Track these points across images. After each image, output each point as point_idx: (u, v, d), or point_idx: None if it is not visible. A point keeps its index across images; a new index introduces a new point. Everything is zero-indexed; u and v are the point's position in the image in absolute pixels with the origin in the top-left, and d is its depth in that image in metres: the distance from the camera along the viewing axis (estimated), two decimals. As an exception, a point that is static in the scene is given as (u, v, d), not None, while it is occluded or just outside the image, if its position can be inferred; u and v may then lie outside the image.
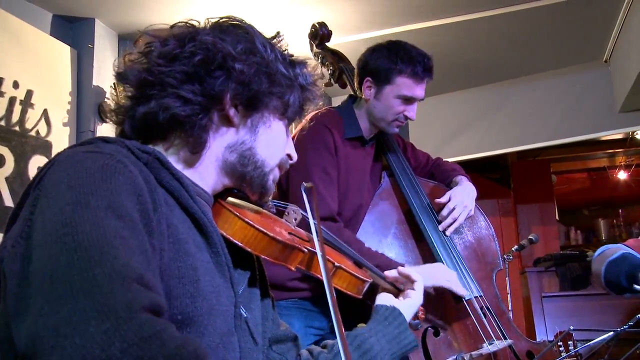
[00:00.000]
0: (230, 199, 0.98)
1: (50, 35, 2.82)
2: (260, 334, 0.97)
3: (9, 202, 2.38)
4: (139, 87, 0.89)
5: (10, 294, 0.65)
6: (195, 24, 0.94)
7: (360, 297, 1.12)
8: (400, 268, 1.28)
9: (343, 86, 2.22)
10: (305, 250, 0.98)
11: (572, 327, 1.59)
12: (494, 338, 1.74)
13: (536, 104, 4.07)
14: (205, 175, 0.93)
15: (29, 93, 2.56)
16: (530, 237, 3.01)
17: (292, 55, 1.01)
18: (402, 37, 3.25)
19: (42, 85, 2.64)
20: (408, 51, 1.89)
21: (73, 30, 2.98)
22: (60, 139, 2.70)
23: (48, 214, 0.66)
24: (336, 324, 0.79)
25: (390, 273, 1.27)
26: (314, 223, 0.96)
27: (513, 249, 2.97)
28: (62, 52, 2.82)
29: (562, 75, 4.00)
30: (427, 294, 1.78)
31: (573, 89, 3.97)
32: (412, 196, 1.91)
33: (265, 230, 0.91)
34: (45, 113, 2.63)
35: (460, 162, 4.54)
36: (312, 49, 2.21)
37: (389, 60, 1.87)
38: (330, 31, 2.17)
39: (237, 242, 0.90)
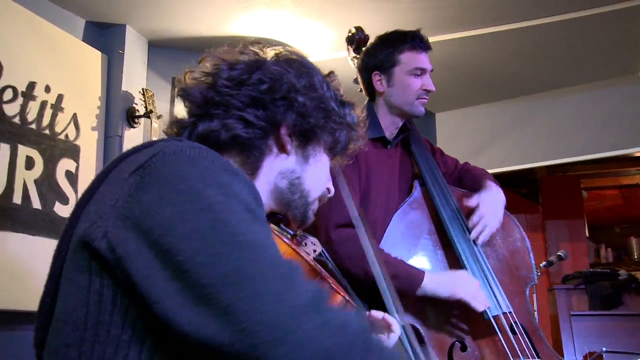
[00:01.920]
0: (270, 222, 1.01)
1: (83, 40, 2.87)
2: None
3: (37, 204, 2.41)
4: (204, 105, 0.94)
5: (153, 281, 0.64)
6: (261, 53, 1.00)
7: None
8: (385, 315, 1.24)
9: None
10: (330, 281, 0.98)
11: (604, 349, 1.53)
12: (522, 357, 1.67)
13: (567, 118, 3.99)
14: None
15: (60, 97, 2.61)
16: (559, 253, 2.94)
17: (342, 95, 1.06)
18: (433, 47, 3.23)
19: (73, 89, 2.68)
20: (399, 33, 1.94)
21: (104, 36, 3.03)
22: (88, 143, 2.74)
23: (189, 208, 0.67)
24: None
25: (375, 314, 1.25)
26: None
27: (541, 265, 2.91)
28: (93, 58, 2.86)
29: (595, 89, 3.91)
30: (452, 305, 1.74)
31: (605, 102, 3.88)
32: (443, 207, 1.85)
33: (304, 256, 0.93)
34: (74, 117, 2.67)
35: (488, 175, 4.52)
36: (348, 54, 2.19)
37: (385, 47, 1.91)
38: (367, 36, 2.13)
39: None
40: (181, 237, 0.65)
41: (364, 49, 2.02)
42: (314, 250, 1.11)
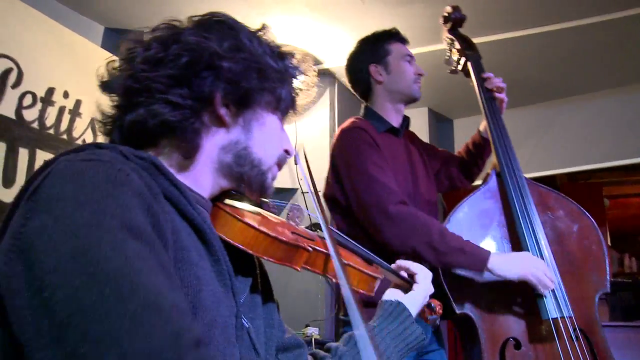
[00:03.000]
0: (228, 201, 0.95)
1: (101, 47, 2.91)
2: (263, 344, 0.93)
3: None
4: (125, 95, 0.86)
5: (21, 318, 0.59)
6: (177, 24, 0.91)
7: (374, 294, 1.08)
8: (398, 261, 1.21)
9: (467, 75, 2.11)
10: (310, 249, 0.93)
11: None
12: None
13: (588, 124, 3.93)
14: (201, 179, 0.90)
15: (78, 103, 2.64)
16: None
17: (279, 47, 0.97)
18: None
19: (91, 95, 2.70)
20: (380, 31, 2.07)
21: (123, 43, 3.07)
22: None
23: (58, 236, 0.61)
24: (354, 319, 0.73)
25: (402, 263, 1.21)
26: (321, 219, 0.92)
27: (559, 274, 2.84)
28: (112, 64, 2.90)
29: (618, 95, 3.85)
30: (512, 300, 1.71)
31: (628, 108, 3.81)
32: (516, 200, 1.80)
33: (265, 231, 0.87)
34: (92, 122, 2.70)
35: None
36: (443, 35, 2.19)
37: (373, 42, 2.03)
38: (464, 16, 2.14)
39: (237, 244, 0.86)
40: (48, 271, 0.58)
41: (350, 52, 2.09)
42: (298, 217, 1.04)
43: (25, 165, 2.36)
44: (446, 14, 2.15)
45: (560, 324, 1.65)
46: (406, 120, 2.08)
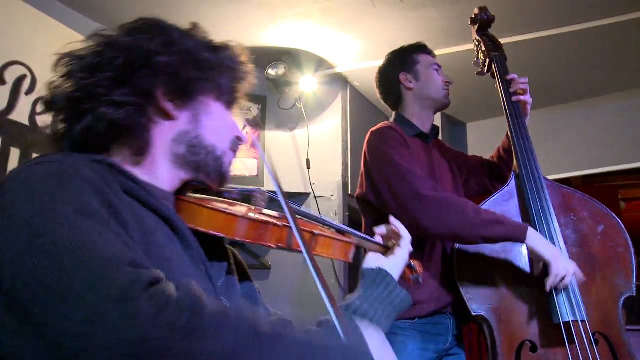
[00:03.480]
0: (190, 194, 0.97)
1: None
2: None
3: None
4: (70, 107, 0.87)
5: None
6: (108, 32, 0.93)
7: (351, 261, 1.11)
8: (392, 219, 1.23)
9: (493, 76, 2.13)
10: (280, 224, 0.94)
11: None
12: None
13: (603, 127, 3.88)
14: (159, 173, 0.91)
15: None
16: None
17: (212, 41, 1.00)
18: (463, 56, 3.20)
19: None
20: (406, 46, 2.15)
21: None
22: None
23: (12, 232, 0.63)
24: (325, 295, 0.77)
25: (379, 229, 1.24)
26: (273, 177, 0.93)
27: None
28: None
29: (633, 97, 3.80)
30: (531, 303, 1.69)
31: (644, 110, 3.76)
32: (533, 202, 1.79)
33: (232, 212, 0.88)
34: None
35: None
36: (472, 35, 2.23)
37: (401, 54, 2.12)
38: (493, 16, 2.19)
39: (208, 231, 0.88)
40: (6, 264, 0.62)
41: (380, 66, 2.16)
42: (263, 201, 1.04)
43: (38, 171, 2.37)
44: (474, 15, 2.19)
45: (573, 328, 1.62)
46: (435, 128, 2.13)
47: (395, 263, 1.16)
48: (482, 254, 1.78)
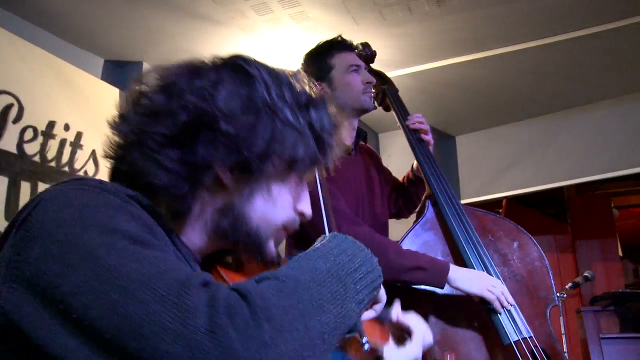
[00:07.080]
0: (228, 258, 0.89)
1: (101, 79, 2.95)
2: None
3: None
4: (123, 145, 0.81)
5: (54, 341, 0.60)
6: (197, 63, 0.83)
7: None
8: (398, 308, 1.04)
9: (387, 109, 2.15)
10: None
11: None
12: None
13: (593, 135, 3.91)
14: (192, 237, 0.83)
15: (79, 135, 2.67)
16: (585, 274, 2.85)
17: (308, 95, 0.86)
18: (450, 70, 3.23)
19: (92, 126, 2.75)
20: (323, 42, 1.98)
21: (122, 74, 3.11)
22: (107, 179, 2.78)
23: (70, 259, 0.62)
24: None
25: (394, 312, 1.02)
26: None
27: (567, 286, 2.81)
28: (112, 95, 2.93)
29: (622, 104, 3.83)
30: (474, 329, 1.70)
31: (633, 117, 3.79)
32: (457, 227, 1.81)
33: None
34: (93, 153, 2.73)
35: (514, 197, 4.43)
36: None
37: (316, 58, 1.94)
38: (374, 52, 2.14)
39: None
40: (71, 294, 0.60)
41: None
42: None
43: (27, 198, 2.36)
44: (356, 51, 2.12)
45: (523, 345, 1.65)
46: (361, 134, 2.02)
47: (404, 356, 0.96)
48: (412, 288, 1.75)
